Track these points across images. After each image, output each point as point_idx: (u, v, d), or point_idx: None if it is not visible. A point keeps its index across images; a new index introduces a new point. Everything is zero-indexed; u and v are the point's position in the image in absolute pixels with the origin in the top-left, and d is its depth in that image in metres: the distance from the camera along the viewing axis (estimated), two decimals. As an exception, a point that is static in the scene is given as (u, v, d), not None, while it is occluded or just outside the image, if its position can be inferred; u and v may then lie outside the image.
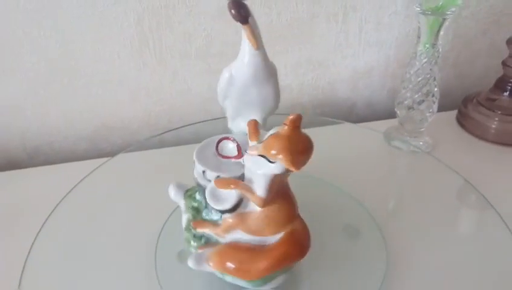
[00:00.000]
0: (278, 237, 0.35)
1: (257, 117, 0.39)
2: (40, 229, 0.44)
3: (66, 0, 0.53)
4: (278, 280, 0.37)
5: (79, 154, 0.65)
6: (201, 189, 0.37)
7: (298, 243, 0.35)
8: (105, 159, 0.55)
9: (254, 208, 0.34)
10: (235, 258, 0.35)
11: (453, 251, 0.45)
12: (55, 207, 0.47)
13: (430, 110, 0.58)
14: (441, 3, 0.52)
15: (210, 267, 0.36)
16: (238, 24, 0.60)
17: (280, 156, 0.29)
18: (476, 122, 0.64)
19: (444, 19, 0.52)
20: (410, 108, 0.58)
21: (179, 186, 0.41)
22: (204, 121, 0.66)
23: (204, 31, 0.60)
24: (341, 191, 0.51)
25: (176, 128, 0.63)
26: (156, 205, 0.50)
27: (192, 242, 0.38)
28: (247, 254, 0.35)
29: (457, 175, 0.52)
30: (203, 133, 0.67)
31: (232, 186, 0.33)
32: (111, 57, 0.58)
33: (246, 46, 0.35)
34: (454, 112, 0.69)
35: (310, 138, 0.30)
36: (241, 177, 0.34)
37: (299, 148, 0.29)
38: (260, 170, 0.31)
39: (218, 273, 0.37)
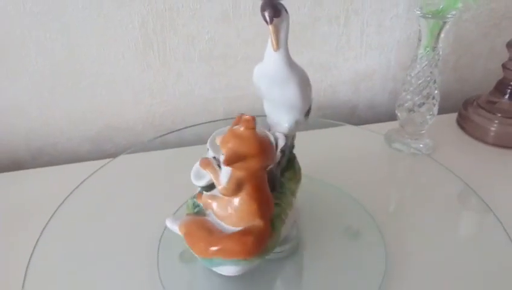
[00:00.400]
0: (235, 229, 0.37)
1: (285, 118, 0.40)
2: (43, 230, 0.45)
3: (72, 3, 0.54)
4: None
5: (82, 155, 0.65)
6: None
7: (247, 243, 0.36)
8: (108, 160, 0.56)
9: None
10: (194, 231, 0.38)
11: (451, 253, 0.45)
12: (58, 208, 0.47)
13: (431, 113, 0.58)
14: (441, 7, 0.53)
15: (177, 231, 0.39)
16: (240, 27, 0.61)
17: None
18: (476, 124, 0.65)
19: (445, 22, 0.53)
20: (410, 110, 0.59)
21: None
22: (207, 122, 0.67)
23: (207, 34, 0.60)
24: (342, 192, 0.52)
25: (179, 130, 0.64)
26: (158, 206, 0.50)
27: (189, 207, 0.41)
28: (203, 232, 0.37)
29: (457, 178, 0.52)
30: (205, 134, 0.67)
31: (205, 167, 0.37)
32: (115, 59, 0.59)
33: (268, 47, 0.36)
34: (455, 115, 0.70)
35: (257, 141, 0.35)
36: None
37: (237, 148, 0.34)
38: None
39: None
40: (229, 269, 0.38)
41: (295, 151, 0.44)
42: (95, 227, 0.48)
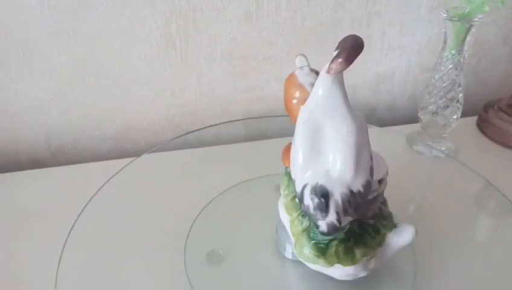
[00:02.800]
0: None
1: None
2: (72, 228, 0.44)
3: (96, 1, 0.54)
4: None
5: (102, 154, 0.65)
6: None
7: None
8: (129, 159, 0.55)
9: None
10: None
11: (479, 254, 0.45)
12: (85, 206, 0.47)
13: (454, 116, 0.58)
14: (467, 10, 0.52)
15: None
16: (263, 27, 0.61)
17: None
18: (497, 128, 0.64)
19: (471, 26, 0.52)
20: (434, 113, 0.58)
21: None
22: (226, 122, 0.67)
23: (230, 34, 0.60)
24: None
25: (199, 130, 0.64)
26: (182, 206, 0.50)
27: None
28: None
29: (483, 179, 0.52)
30: (225, 135, 0.67)
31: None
32: (138, 58, 0.59)
33: None
34: (474, 118, 0.69)
35: None
36: None
37: None
38: None
39: None
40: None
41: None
42: (121, 226, 0.47)
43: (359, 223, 0.37)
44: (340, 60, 0.30)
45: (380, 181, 0.37)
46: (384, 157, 0.41)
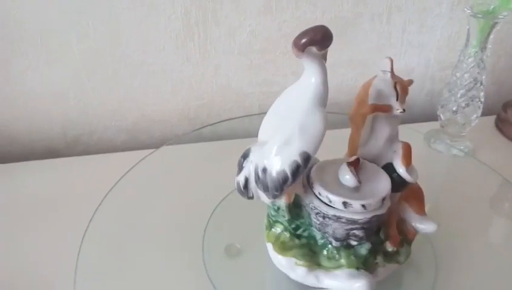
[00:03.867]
0: None
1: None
2: (92, 218, 0.44)
3: (116, -10, 0.54)
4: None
5: (117, 146, 0.65)
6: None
7: None
8: (145, 151, 0.55)
9: None
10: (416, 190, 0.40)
11: (500, 250, 0.45)
12: (104, 197, 0.47)
13: (474, 115, 0.57)
14: (492, 7, 0.52)
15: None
16: (282, 20, 0.60)
17: None
18: (516, 128, 0.64)
19: (495, 23, 0.51)
20: (454, 112, 0.58)
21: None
22: (242, 116, 0.67)
23: (249, 27, 0.60)
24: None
25: (214, 123, 0.63)
26: (200, 199, 0.50)
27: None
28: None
29: (501, 178, 0.51)
30: (240, 129, 0.67)
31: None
32: (156, 49, 0.58)
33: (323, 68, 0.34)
34: (492, 117, 0.68)
35: None
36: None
37: None
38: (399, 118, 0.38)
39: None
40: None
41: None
42: (138, 219, 0.47)
43: (322, 235, 0.37)
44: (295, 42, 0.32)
45: (345, 204, 0.34)
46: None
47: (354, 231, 0.35)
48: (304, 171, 0.33)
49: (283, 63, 0.64)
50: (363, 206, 0.34)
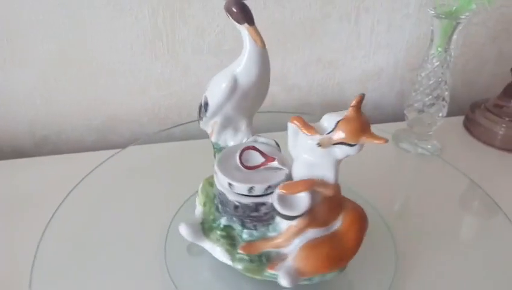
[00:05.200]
0: (339, 220, 0.36)
1: (246, 122, 0.41)
2: (51, 218, 0.44)
3: (82, -11, 0.53)
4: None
5: (87, 145, 0.64)
6: (228, 211, 0.38)
7: (362, 216, 0.37)
8: (113, 150, 0.55)
9: (318, 202, 0.35)
10: (323, 255, 0.35)
11: (461, 252, 0.45)
12: (65, 197, 0.47)
13: (440, 114, 0.58)
14: (454, 8, 0.52)
15: (301, 278, 0.36)
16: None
17: (363, 138, 0.31)
18: (483, 128, 0.65)
19: (458, 23, 0.52)
20: (420, 111, 0.58)
21: (191, 225, 0.39)
22: (213, 116, 0.66)
23: (217, 27, 0.60)
24: (350, 190, 0.51)
25: (185, 123, 0.63)
26: (165, 199, 0.50)
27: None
28: (330, 245, 0.35)
29: (466, 178, 0.52)
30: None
31: (302, 187, 0.33)
32: (123, 48, 0.58)
33: (252, 47, 0.36)
34: (461, 118, 0.69)
35: None
36: (285, 180, 0.36)
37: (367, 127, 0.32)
38: (334, 157, 0.33)
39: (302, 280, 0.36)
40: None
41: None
42: (102, 218, 0.47)
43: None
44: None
45: (251, 189, 0.35)
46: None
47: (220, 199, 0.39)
48: (204, 114, 0.40)
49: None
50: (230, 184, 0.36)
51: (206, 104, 0.40)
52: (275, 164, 0.37)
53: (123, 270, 0.41)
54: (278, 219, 0.36)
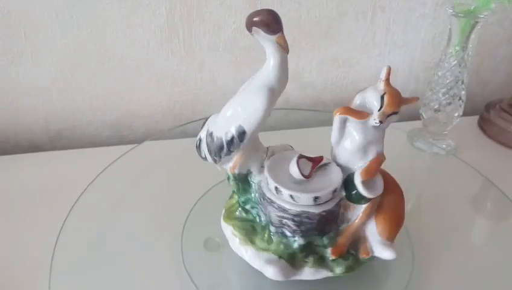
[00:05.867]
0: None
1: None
2: (68, 214, 0.44)
3: (101, -15, 0.54)
4: None
5: (101, 141, 0.65)
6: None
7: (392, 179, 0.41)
8: (128, 146, 0.55)
9: None
10: (393, 213, 0.38)
11: (477, 251, 0.45)
12: (82, 193, 0.47)
13: (456, 114, 0.58)
14: (473, 7, 0.52)
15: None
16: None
17: (403, 104, 0.36)
18: (498, 128, 0.64)
19: (476, 22, 0.52)
20: (436, 110, 0.58)
21: (274, 264, 0.37)
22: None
23: (234, 24, 0.60)
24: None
25: (199, 120, 0.63)
26: (180, 194, 0.50)
27: None
28: (389, 204, 0.38)
29: (482, 177, 0.52)
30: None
31: (376, 168, 0.36)
32: (140, 44, 0.58)
33: (282, 54, 0.35)
34: (475, 117, 0.69)
35: None
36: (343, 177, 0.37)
37: None
38: (383, 129, 0.36)
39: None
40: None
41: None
42: (118, 213, 0.47)
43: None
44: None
45: (316, 198, 0.35)
46: (386, 153, 0.41)
47: (286, 221, 0.36)
48: (238, 145, 0.35)
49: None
50: (291, 196, 0.35)
51: (243, 132, 0.35)
52: (324, 161, 0.37)
53: (140, 267, 0.41)
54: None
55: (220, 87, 0.65)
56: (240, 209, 0.40)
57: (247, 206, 0.39)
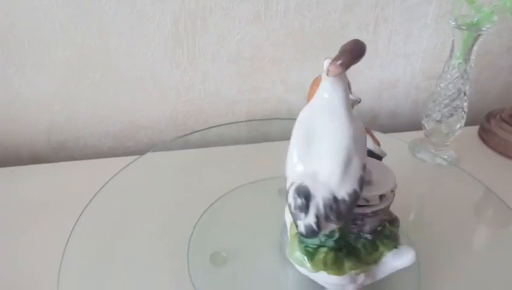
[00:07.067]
0: None
1: None
2: (74, 226, 0.44)
3: (105, -4, 0.54)
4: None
5: (103, 152, 0.64)
6: None
7: None
8: (131, 157, 0.55)
9: None
10: None
11: (479, 260, 0.46)
12: (87, 205, 0.46)
13: (458, 125, 0.58)
14: (476, 20, 0.53)
15: None
16: (271, 28, 0.61)
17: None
18: (498, 138, 0.65)
19: (479, 35, 0.53)
20: (438, 121, 0.58)
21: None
22: (230, 123, 0.67)
23: (238, 35, 0.60)
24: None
25: (203, 130, 0.63)
26: (185, 207, 0.50)
27: None
28: None
29: (485, 188, 0.52)
30: (228, 135, 0.67)
31: None
32: (145, 55, 0.58)
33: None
34: (476, 127, 0.70)
35: None
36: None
37: None
38: None
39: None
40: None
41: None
42: (123, 226, 0.47)
43: (356, 236, 0.37)
44: (337, 62, 0.30)
45: (381, 197, 0.36)
46: (388, 164, 0.41)
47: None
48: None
49: (272, 70, 0.64)
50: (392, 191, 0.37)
51: (365, 166, 0.33)
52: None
53: (146, 282, 0.41)
54: None
55: (223, 97, 0.65)
56: (334, 254, 0.36)
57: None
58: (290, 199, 0.32)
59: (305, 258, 0.36)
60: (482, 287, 0.42)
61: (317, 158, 0.32)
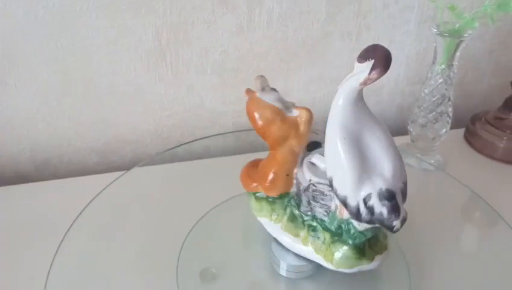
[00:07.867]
0: None
1: None
2: (60, 243, 0.43)
3: (85, 12, 0.53)
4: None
5: (89, 168, 0.63)
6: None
7: None
8: (116, 173, 0.54)
9: None
10: None
11: (465, 261, 0.47)
12: (72, 223, 0.46)
13: (444, 130, 0.59)
14: (457, 26, 0.53)
15: None
16: (254, 40, 0.61)
17: None
18: (484, 140, 0.65)
19: (461, 41, 0.53)
20: (423, 126, 0.59)
21: None
22: (216, 135, 0.66)
23: (221, 47, 0.60)
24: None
25: (188, 143, 0.63)
26: (173, 222, 0.49)
27: None
28: None
29: (471, 192, 0.53)
30: (214, 147, 0.67)
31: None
32: (127, 70, 0.58)
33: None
34: (461, 130, 0.70)
35: None
36: None
37: None
38: None
39: None
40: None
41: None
42: (110, 243, 0.46)
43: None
44: (378, 69, 0.32)
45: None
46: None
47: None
48: None
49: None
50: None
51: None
52: None
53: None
54: None
55: (208, 109, 0.64)
56: (354, 248, 0.39)
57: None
58: (379, 208, 0.33)
59: (359, 254, 0.38)
60: (470, 288, 0.43)
61: (374, 163, 0.34)
